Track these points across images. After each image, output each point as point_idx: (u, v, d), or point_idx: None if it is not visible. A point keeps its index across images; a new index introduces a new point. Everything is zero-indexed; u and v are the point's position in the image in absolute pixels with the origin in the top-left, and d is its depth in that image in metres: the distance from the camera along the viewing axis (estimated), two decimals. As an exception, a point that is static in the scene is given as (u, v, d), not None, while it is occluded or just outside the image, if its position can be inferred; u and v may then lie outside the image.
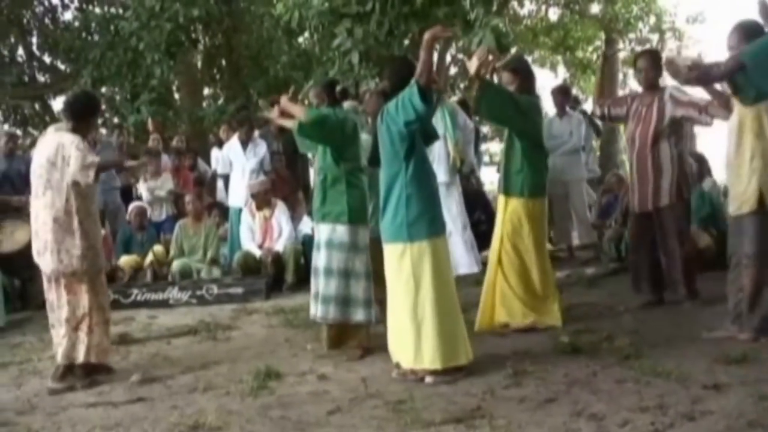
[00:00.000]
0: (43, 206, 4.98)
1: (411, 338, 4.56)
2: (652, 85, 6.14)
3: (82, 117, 5.14)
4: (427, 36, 4.49)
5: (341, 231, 5.35)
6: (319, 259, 5.41)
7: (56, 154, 4.95)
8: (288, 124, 5.58)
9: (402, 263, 4.59)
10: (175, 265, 8.64)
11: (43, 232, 4.98)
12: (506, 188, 5.78)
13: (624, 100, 6.45)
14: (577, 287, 7.29)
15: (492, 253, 5.84)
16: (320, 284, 5.37)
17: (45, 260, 5.01)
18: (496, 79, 5.84)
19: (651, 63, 6.16)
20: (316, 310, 5.43)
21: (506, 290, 5.68)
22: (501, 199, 5.85)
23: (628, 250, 6.88)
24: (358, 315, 5.33)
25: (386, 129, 4.65)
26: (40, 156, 5.04)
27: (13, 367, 5.59)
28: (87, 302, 5.02)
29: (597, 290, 7.09)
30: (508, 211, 5.73)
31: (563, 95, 9.51)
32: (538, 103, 5.97)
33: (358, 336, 5.38)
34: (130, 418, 4.26)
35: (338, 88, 5.69)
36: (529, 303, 5.66)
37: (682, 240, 6.02)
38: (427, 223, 4.62)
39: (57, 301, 5.06)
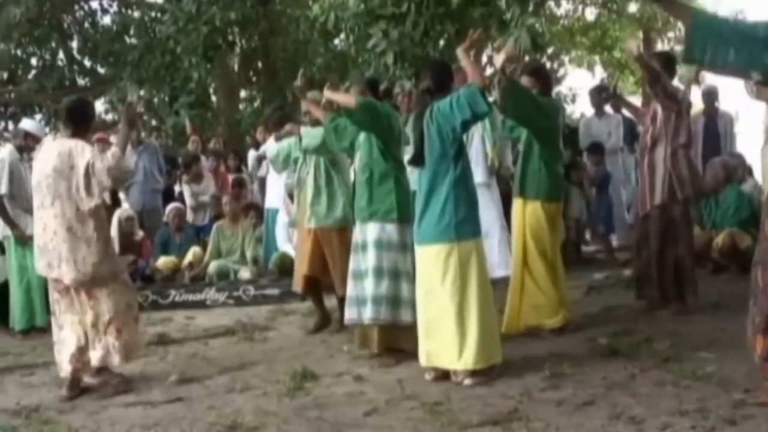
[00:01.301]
0: (53, 216, 4.90)
1: (455, 338, 4.53)
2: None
3: (81, 122, 5.08)
4: (460, 51, 4.58)
5: (390, 230, 5.23)
6: (366, 260, 5.27)
7: (62, 163, 4.86)
8: (339, 97, 5.40)
9: (448, 263, 4.56)
10: (213, 266, 8.71)
11: (56, 243, 4.91)
12: (523, 190, 5.70)
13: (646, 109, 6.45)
14: (615, 289, 7.21)
15: (515, 256, 5.78)
16: (368, 285, 5.22)
17: (61, 271, 4.93)
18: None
19: (659, 64, 6.10)
20: (362, 313, 5.26)
21: (536, 292, 5.62)
22: (518, 202, 5.74)
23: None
24: (407, 316, 5.15)
25: (437, 128, 4.61)
26: (44, 166, 4.94)
27: (54, 367, 5.65)
28: (111, 306, 4.97)
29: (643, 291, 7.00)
30: (526, 214, 5.65)
31: (599, 95, 9.42)
32: (557, 106, 5.95)
33: (408, 338, 5.14)
34: (169, 418, 4.30)
35: (381, 87, 5.67)
36: (558, 303, 5.62)
37: (676, 243, 5.97)
38: (472, 223, 4.65)
39: (80, 308, 5.01)
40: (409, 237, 5.23)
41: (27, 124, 7.87)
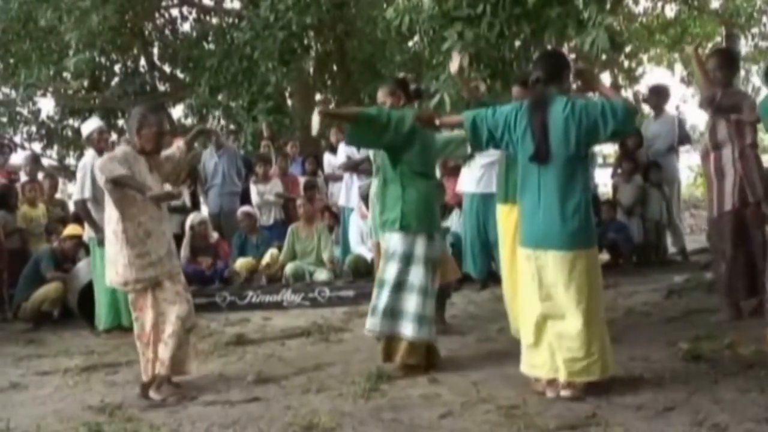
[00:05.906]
0: (105, 221, 5.11)
1: (581, 348, 4.24)
2: (722, 86, 5.87)
3: (135, 132, 5.12)
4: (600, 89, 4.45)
5: (396, 240, 5.06)
6: (385, 270, 5.10)
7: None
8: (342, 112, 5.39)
9: (577, 270, 4.25)
10: (289, 267, 8.82)
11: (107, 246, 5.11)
12: (506, 197, 5.59)
13: None
14: (696, 292, 7.05)
15: (505, 262, 5.71)
16: (381, 296, 5.07)
17: (109, 274, 5.11)
18: None
19: (718, 63, 5.92)
20: (375, 324, 5.10)
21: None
22: (504, 209, 5.63)
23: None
24: (407, 330, 4.99)
25: (578, 125, 4.25)
26: None
27: (137, 365, 5.80)
28: (151, 317, 4.99)
29: (717, 295, 6.82)
30: (512, 220, 5.43)
31: (657, 95, 9.29)
32: None
33: (410, 353, 5.02)
34: (246, 417, 4.37)
35: (412, 87, 5.49)
36: None
37: (750, 245, 5.83)
38: (594, 229, 4.45)
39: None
40: (419, 248, 5.04)
41: (87, 126, 7.86)
